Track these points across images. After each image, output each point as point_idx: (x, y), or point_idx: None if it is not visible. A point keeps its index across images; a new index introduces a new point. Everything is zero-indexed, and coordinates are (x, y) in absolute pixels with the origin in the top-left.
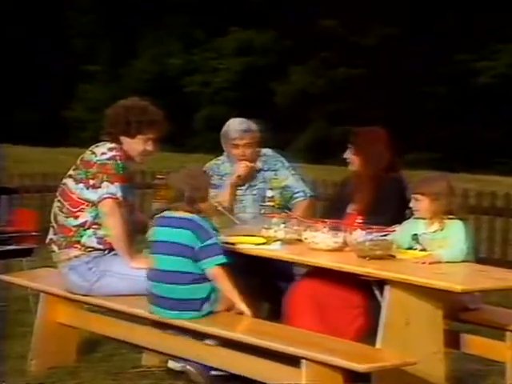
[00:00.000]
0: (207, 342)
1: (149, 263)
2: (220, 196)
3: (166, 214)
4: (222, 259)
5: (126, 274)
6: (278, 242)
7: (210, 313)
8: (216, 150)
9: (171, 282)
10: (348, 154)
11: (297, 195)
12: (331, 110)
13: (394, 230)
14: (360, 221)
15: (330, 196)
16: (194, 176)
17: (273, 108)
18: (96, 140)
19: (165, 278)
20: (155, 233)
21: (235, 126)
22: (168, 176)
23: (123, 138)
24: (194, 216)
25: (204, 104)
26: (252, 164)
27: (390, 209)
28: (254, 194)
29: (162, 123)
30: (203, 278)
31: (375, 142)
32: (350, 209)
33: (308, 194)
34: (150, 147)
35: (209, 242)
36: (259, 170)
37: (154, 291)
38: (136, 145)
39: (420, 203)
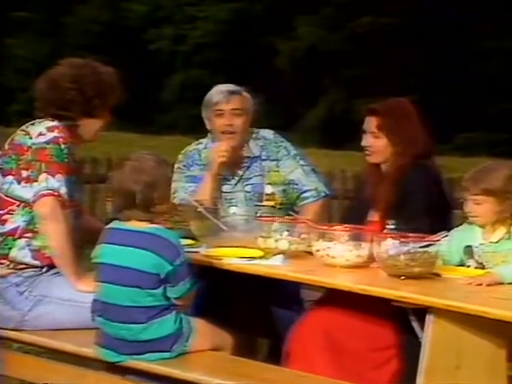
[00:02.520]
0: None
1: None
2: (200, 192)
3: (116, 224)
4: (191, 286)
5: (71, 301)
6: (280, 256)
7: (185, 353)
8: (196, 129)
9: (125, 321)
10: (369, 141)
11: (306, 195)
12: (351, 75)
13: (438, 240)
14: (391, 227)
15: (350, 194)
16: (145, 169)
17: (273, 73)
18: (29, 115)
19: (116, 316)
20: (102, 252)
21: (220, 88)
22: (110, 174)
23: (80, 120)
24: (156, 228)
25: (178, 67)
26: (239, 142)
27: (426, 210)
28: (248, 191)
29: (119, 85)
30: (166, 309)
31: (408, 119)
32: (372, 214)
33: (322, 194)
34: (108, 118)
35: (177, 262)
36: (255, 158)
37: (104, 330)
38: (96, 124)
39: (482, 207)
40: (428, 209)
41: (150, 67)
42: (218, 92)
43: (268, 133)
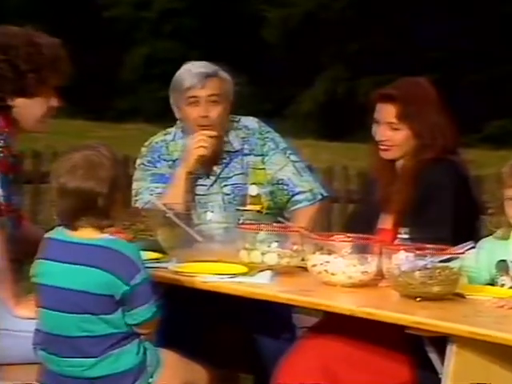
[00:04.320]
0: None
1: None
2: (170, 194)
3: (57, 234)
4: (155, 311)
5: (9, 330)
6: (268, 272)
7: None
8: (163, 115)
9: (74, 355)
10: (385, 134)
11: (299, 197)
12: (355, 49)
13: (462, 252)
14: (404, 236)
15: (354, 196)
16: (103, 163)
17: (259, 46)
18: None
19: (62, 348)
20: (41, 270)
21: (192, 68)
22: (51, 170)
23: (13, 100)
24: (107, 239)
25: (141, 38)
26: (216, 133)
27: (449, 216)
28: (227, 193)
29: (66, 59)
30: (125, 338)
31: (432, 105)
32: (382, 221)
33: (318, 196)
34: (55, 102)
35: (136, 280)
36: (235, 153)
37: (48, 366)
38: (36, 107)
39: None
40: (452, 214)
41: (107, 39)
42: (190, 75)
43: (251, 121)
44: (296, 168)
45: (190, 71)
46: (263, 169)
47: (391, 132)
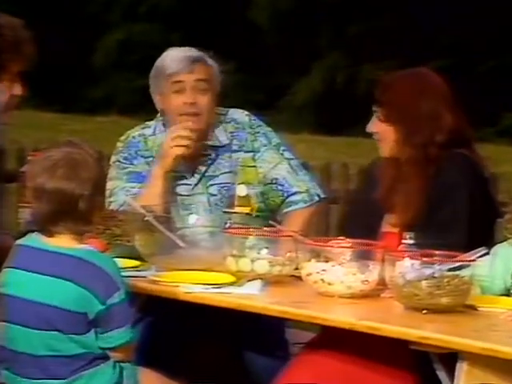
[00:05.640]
0: None
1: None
2: (148, 195)
3: (30, 241)
4: (130, 333)
5: None
6: (258, 282)
7: None
8: (140, 107)
9: (40, 376)
10: (374, 125)
11: (294, 198)
12: (356, 32)
13: (474, 259)
14: (409, 241)
15: (353, 197)
16: (76, 162)
17: (247, 30)
18: None
19: (28, 368)
20: (8, 279)
21: (177, 53)
22: (26, 168)
23: None
24: (86, 251)
25: (115, 21)
26: (204, 126)
27: (464, 219)
28: (213, 194)
29: (30, 42)
30: (99, 358)
31: (424, 95)
32: (386, 224)
33: (315, 197)
34: (18, 90)
35: (114, 299)
36: (222, 149)
37: None
38: None
39: None
40: (467, 217)
41: (77, 22)
42: (176, 60)
43: (241, 114)
44: (291, 166)
45: (175, 56)
46: (254, 167)
47: (378, 123)
